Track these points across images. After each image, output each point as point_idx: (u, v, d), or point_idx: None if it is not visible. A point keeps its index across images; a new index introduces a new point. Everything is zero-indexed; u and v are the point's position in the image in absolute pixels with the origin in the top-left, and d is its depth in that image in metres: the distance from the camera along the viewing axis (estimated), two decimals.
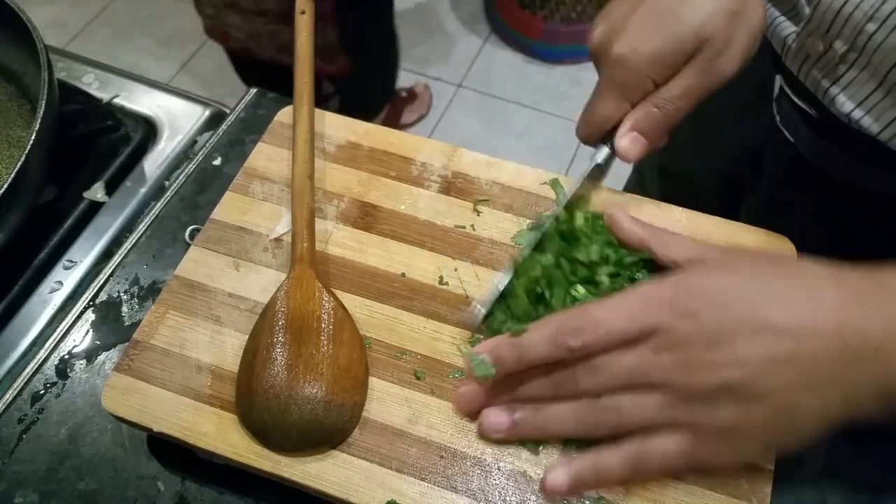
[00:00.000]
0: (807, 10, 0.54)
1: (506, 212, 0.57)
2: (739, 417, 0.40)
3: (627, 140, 0.53)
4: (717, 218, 0.56)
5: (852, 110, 0.54)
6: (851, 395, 0.38)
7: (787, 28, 0.57)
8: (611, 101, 0.52)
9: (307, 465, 0.46)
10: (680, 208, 0.56)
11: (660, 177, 0.87)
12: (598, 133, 0.54)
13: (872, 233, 0.61)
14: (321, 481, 0.46)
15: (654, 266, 0.52)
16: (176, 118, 0.74)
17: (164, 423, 0.48)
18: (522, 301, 0.50)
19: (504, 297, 0.51)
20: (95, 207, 0.67)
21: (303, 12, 0.63)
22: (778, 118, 0.63)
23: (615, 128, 0.53)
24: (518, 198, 0.58)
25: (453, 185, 0.59)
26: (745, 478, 0.45)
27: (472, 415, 0.48)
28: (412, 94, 2.12)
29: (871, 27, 0.49)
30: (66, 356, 0.57)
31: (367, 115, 2.02)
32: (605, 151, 0.54)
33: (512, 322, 0.50)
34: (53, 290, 0.62)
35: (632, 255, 0.51)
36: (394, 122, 2.07)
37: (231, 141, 0.69)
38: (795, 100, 0.60)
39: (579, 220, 0.54)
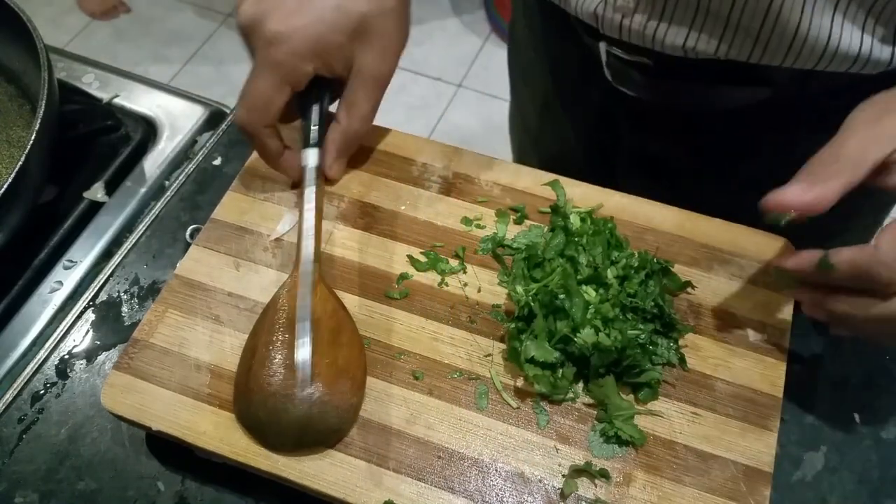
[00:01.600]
0: None
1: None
2: None
3: (338, 167, 0.56)
4: (718, 221, 0.56)
5: (685, 42, 0.55)
6: None
7: (592, 2, 0.57)
8: (270, 82, 0.49)
9: (305, 465, 0.46)
10: (677, 209, 0.56)
11: (539, 162, 0.88)
12: (263, 119, 0.51)
13: (738, 149, 0.65)
14: (318, 481, 0.46)
15: (663, 267, 0.52)
16: (176, 118, 0.74)
17: (163, 421, 0.48)
18: (541, 321, 0.48)
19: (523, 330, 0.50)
20: (95, 207, 0.67)
21: None
22: (612, 81, 0.64)
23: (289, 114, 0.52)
24: (518, 199, 0.58)
25: (454, 186, 0.59)
26: (743, 480, 0.46)
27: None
28: None
29: None
30: (66, 356, 0.57)
31: None
32: (314, 154, 0.53)
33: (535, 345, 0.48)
34: (53, 290, 0.63)
35: (637, 257, 0.51)
36: None
37: (231, 141, 0.69)
38: (627, 57, 0.61)
39: (576, 222, 0.54)
